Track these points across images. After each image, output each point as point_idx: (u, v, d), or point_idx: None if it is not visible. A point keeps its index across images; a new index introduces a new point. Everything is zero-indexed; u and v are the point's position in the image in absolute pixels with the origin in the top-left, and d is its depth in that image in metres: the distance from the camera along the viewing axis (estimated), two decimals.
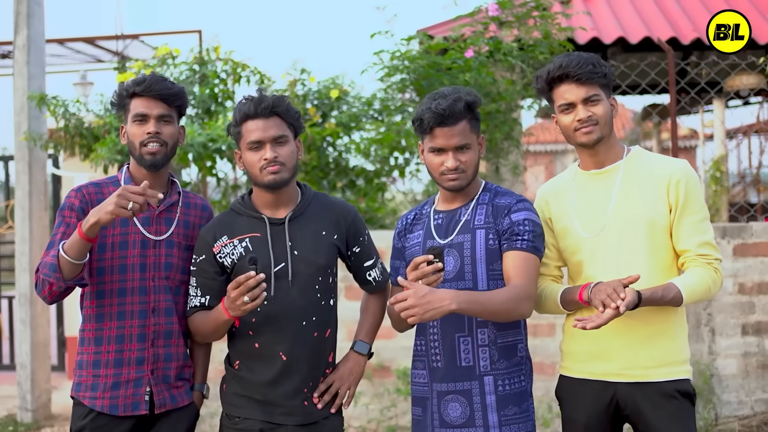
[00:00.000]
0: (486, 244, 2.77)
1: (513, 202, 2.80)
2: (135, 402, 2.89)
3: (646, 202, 2.76)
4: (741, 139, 12.83)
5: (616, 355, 2.77)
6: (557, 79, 2.81)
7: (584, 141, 2.80)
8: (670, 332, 2.78)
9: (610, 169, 2.85)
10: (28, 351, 6.73)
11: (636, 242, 2.76)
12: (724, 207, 10.84)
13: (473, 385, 2.76)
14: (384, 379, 5.92)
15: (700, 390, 5.72)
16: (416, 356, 2.92)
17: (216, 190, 6.88)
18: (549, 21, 6.35)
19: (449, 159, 2.77)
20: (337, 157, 6.65)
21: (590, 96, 2.77)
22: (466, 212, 2.84)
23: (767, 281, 5.88)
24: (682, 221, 2.75)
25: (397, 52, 6.10)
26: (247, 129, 2.82)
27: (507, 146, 6.42)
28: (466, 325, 2.77)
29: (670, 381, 2.74)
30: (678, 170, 2.77)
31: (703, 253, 2.74)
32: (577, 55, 2.80)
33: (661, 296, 2.66)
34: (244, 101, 2.86)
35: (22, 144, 6.74)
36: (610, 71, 2.83)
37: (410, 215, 3.01)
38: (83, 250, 2.71)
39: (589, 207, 2.85)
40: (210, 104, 6.61)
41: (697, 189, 2.79)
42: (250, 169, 2.85)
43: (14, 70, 6.86)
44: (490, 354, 2.76)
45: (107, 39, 8.67)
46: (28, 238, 6.74)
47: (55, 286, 2.74)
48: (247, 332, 2.86)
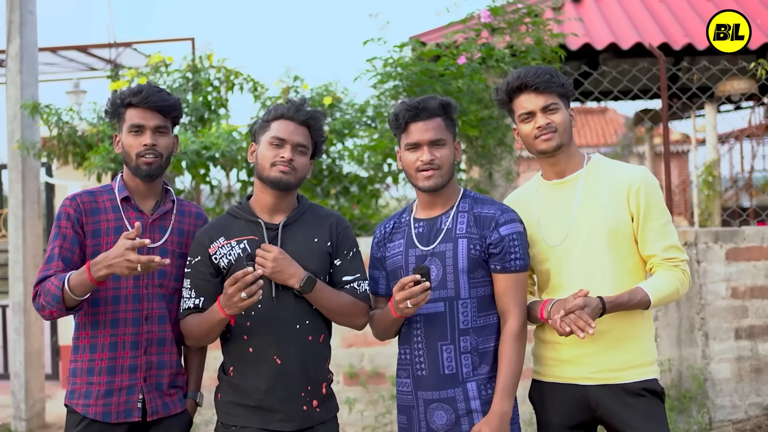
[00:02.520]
0: (468, 254, 2.80)
1: (498, 214, 2.84)
2: (128, 409, 2.89)
3: (608, 210, 2.82)
4: (733, 144, 12.89)
5: (586, 359, 2.83)
6: (516, 90, 2.87)
7: (544, 148, 2.85)
8: (638, 335, 2.84)
9: (571, 178, 2.90)
10: (21, 360, 6.72)
11: (600, 250, 2.81)
12: (717, 211, 10.88)
13: (457, 392, 2.80)
14: (378, 386, 5.92)
15: (693, 394, 5.73)
16: (400, 365, 2.95)
17: (210, 198, 6.88)
18: (541, 27, 6.37)
19: (424, 153, 2.81)
20: (330, 164, 6.66)
21: (549, 104, 2.83)
22: (446, 220, 2.87)
23: (760, 285, 5.90)
24: (646, 228, 2.81)
25: (390, 59, 6.12)
26: (277, 126, 2.88)
27: (500, 152, 6.44)
28: (449, 333, 2.81)
29: (636, 381, 2.81)
30: (637, 178, 2.82)
31: (669, 257, 2.81)
32: (534, 67, 2.88)
33: (627, 300, 2.74)
34: (284, 104, 2.94)
35: (15, 152, 6.73)
36: (568, 82, 2.90)
37: (388, 224, 3.03)
38: (89, 290, 2.76)
39: (553, 217, 2.89)
40: (203, 112, 6.62)
41: (658, 194, 2.84)
42: (262, 162, 2.88)
43: (7, 79, 6.86)
44: (472, 360, 2.80)
45: (100, 47, 8.68)
46: (22, 246, 6.73)
47: (56, 314, 2.81)
48: (241, 336, 2.86)
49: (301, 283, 2.79)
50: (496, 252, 2.80)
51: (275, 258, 2.77)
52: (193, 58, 6.96)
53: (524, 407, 5.82)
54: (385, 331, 2.94)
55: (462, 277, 2.80)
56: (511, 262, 2.80)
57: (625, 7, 8.70)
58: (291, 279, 2.78)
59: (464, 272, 2.80)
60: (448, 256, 2.81)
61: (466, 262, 2.79)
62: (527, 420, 5.76)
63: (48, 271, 2.83)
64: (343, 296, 2.90)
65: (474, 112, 5.96)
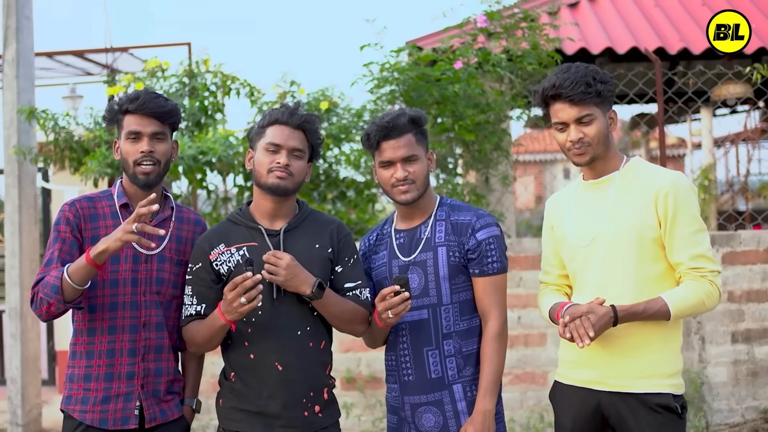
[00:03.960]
0: (448, 261, 2.88)
1: (474, 220, 2.91)
2: (125, 416, 2.89)
3: (636, 214, 2.77)
4: (729, 148, 12.92)
5: (599, 363, 2.80)
6: (551, 98, 2.83)
7: (577, 161, 2.85)
8: (655, 344, 2.76)
9: (606, 179, 2.88)
10: (18, 365, 6.70)
11: (624, 253, 2.77)
12: (713, 215, 10.89)
13: (444, 395, 2.88)
14: (376, 391, 5.93)
15: (690, 398, 5.74)
16: (388, 371, 3.03)
17: (206, 203, 6.88)
18: (537, 32, 6.38)
19: (398, 170, 2.88)
20: (327, 169, 6.66)
21: (582, 116, 2.77)
22: (425, 230, 2.94)
23: (756, 289, 5.91)
24: (673, 234, 2.73)
25: (387, 64, 6.12)
26: (272, 132, 2.89)
27: (496, 157, 6.45)
28: (433, 339, 2.89)
29: (651, 393, 2.73)
30: (666, 183, 2.75)
31: (696, 266, 2.72)
32: (573, 73, 2.77)
33: (644, 310, 2.69)
34: (279, 108, 2.94)
35: (11, 158, 6.72)
36: (606, 87, 2.79)
37: (372, 236, 3.10)
38: (89, 275, 2.73)
39: (584, 217, 2.88)
40: (200, 117, 6.62)
41: (689, 201, 2.75)
42: (259, 168, 2.88)
43: (3, 84, 6.85)
44: (457, 363, 2.88)
45: (96, 52, 8.68)
46: (18, 252, 6.72)
47: (54, 307, 2.76)
48: (242, 343, 2.86)
49: (313, 289, 2.77)
50: (474, 257, 2.88)
51: (288, 265, 2.75)
52: (190, 63, 6.96)
53: (521, 411, 5.85)
54: (374, 340, 3.02)
55: (443, 284, 2.88)
56: (488, 266, 2.88)
57: (620, 11, 8.71)
58: (303, 285, 2.77)
59: (445, 279, 2.88)
60: (429, 264, 2.90)
61: (447, 270, 2.88)
62: (524, 424, 5.76)
63: (47, 272, 2.81)
64: (348, 303, 2.91)
65: (470, 116, 5.97)
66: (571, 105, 2.77)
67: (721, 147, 12.89)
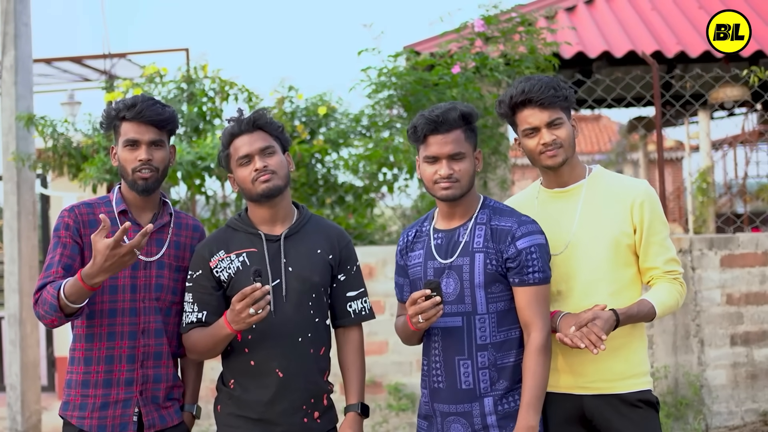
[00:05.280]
0: (485, 269, 2.75)
1: (515, 227, 2.77)
2: (123, 423, 2.88)
3: (611, 222, 2.83)
4: (726, 150, 12.94)
5: (580, 368, 2.83)
6: (520, 104, 2.83)
7: (550, 164, 2.85)
8: (632, 346, 2.87)
9: (574, 188, 2.91)
10: (17, 372, 6.70)
11: (600, 260, 2.83)
12: (711, 218, 10.89)
13: (474, 407, 2.76)
14: (375, 395, 5.92)
15: (690, 401, 5.74)
16: (422, 375, 2.94)
17: (205, 208, 6.89)
18: (534, 36, 6.40)
19: (443, 167, 2.75)
20: (325, 174, 6.67)
21: (553, 120, 2.81)
22: (464, 233, 2.81)
23: (754, 291, 5.92)
24: (649, 241, 2.83)
25: (385, 69, 6.14)
26: (235, 147, 2.88)
27: (494, 161, 6.46)
28: (465, 349, 2.77)
29: (633, 392, 2.83)
30: (641, 192, 2.84)
31: (669, 270, 2.86)
32: (537, 79, 2.82)
33: (637, 312, 2.77)
34: (227, 124, 2.92)
35: (10, 164, 6.73)
36: (571, 93, 2.87)
37: (411, 232, 2.98)
38: (86, 296, 2.72)
39: (554, 225, 2.88)
40: (198, 122, 6.62)
41: (660, 209, 2.88)
42: (243, 185, 2.87)
43: (2, 91, 6.86)
44: (490, 375, 2.76)
45: (94, 58, 8.68)
46: (17, 258, 6.72)
47: (57, 322, 2.77)
48: (242, 350, 2.86)
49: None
50: (513, 266, 2.74)
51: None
52: (188, 68, 6.96)
53: None
54: (408, 339, 2.94)
55: (479, 291, 2.75)
56: (529, 276, 2.73)
57: (618, 15, 8.73)
58: None
59: (481, 287, 2.75)
60: (465, 270, 2.77)
61: (483, 277, 2.75)
62: None
63: (47, 278, 2.81)
64: (359, 356, 3.04)
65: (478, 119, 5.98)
66: (541, 109, 2.80)
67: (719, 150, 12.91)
